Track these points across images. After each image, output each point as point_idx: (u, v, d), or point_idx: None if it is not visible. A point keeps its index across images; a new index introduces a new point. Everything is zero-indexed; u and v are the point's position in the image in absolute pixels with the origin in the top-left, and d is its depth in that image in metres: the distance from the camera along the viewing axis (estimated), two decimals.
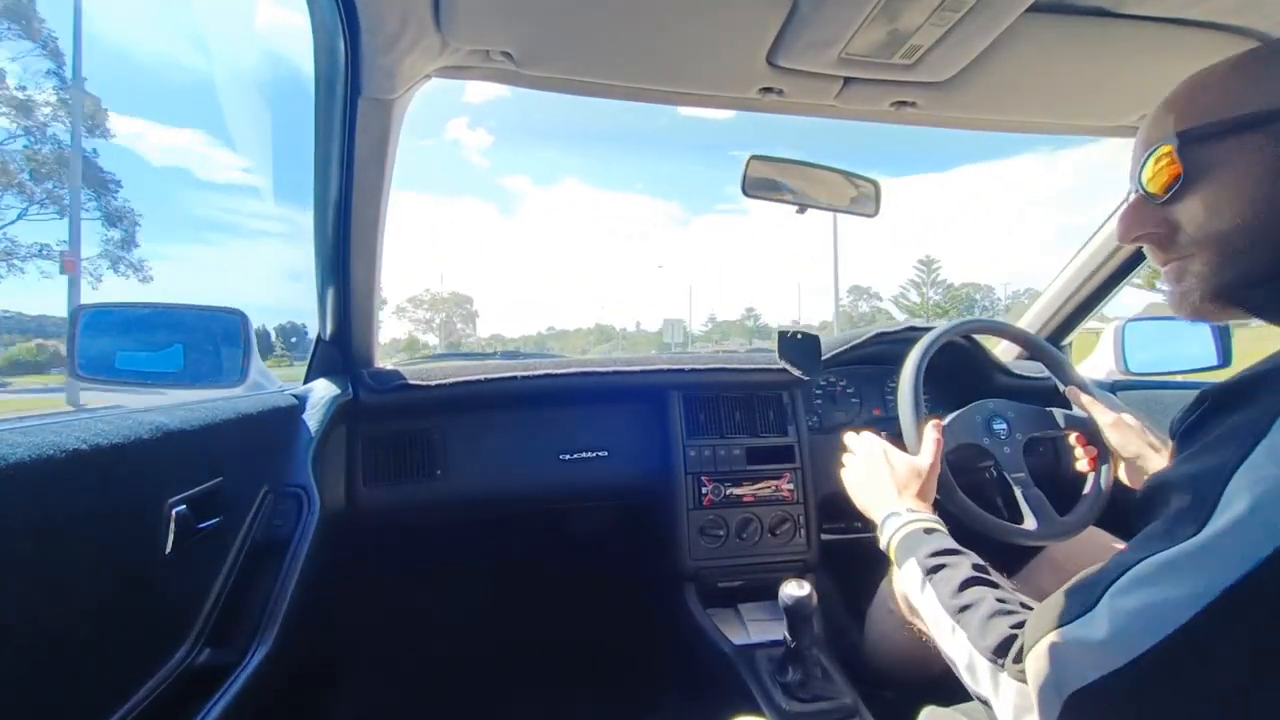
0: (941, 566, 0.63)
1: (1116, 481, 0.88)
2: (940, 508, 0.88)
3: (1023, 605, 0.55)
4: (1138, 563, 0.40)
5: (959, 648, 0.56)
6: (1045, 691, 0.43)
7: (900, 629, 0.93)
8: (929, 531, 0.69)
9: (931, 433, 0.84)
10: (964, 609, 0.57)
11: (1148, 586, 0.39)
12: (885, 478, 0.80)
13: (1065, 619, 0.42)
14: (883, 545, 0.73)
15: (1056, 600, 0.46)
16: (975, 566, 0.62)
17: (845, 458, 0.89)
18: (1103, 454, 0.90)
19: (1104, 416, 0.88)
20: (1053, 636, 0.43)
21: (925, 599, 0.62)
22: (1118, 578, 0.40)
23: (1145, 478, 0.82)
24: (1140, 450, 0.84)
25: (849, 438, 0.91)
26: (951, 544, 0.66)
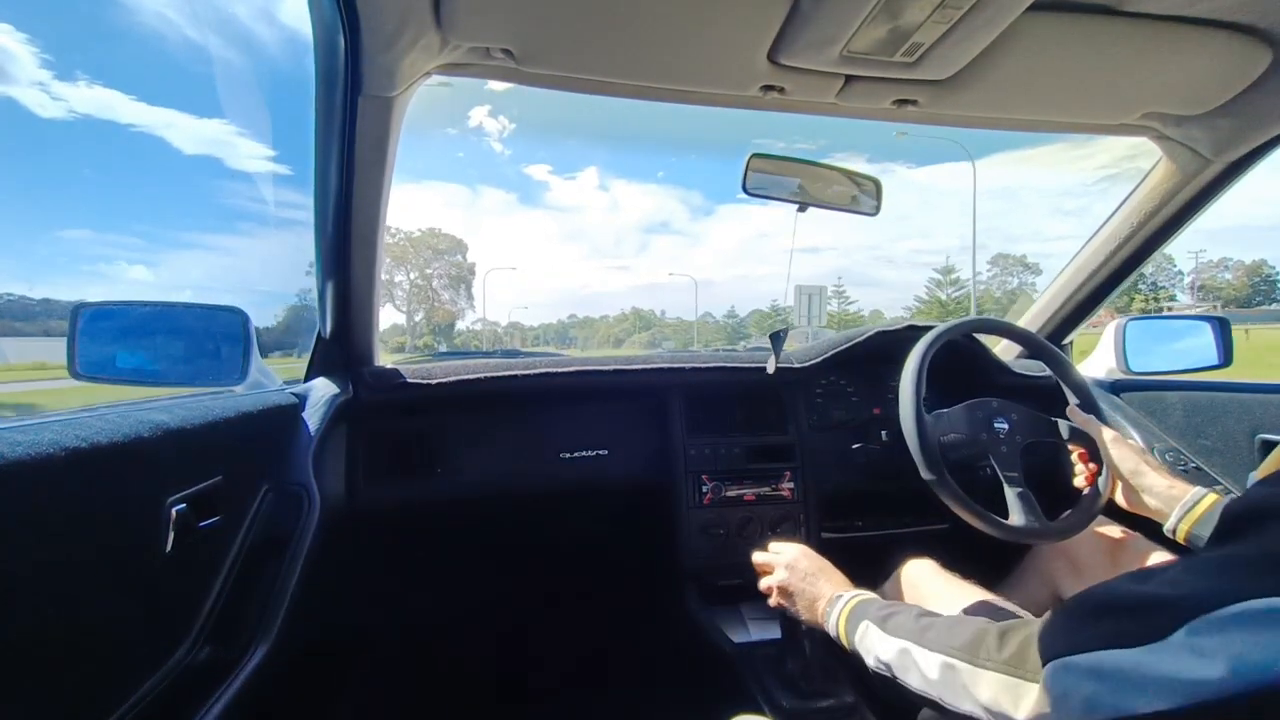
0: (893, 614, 0.66)
1: (1111, 501, 0.88)
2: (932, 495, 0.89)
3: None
4: (1233, 600, 0.35)
5: (929, 663, 0.56)
6: (1067, 709, 0.40)
7: None
8: (865, 602, 0.73)
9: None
10: (924, 630, 0.59)
11: (1255, 628, 0.34)
12: (815, 578, 0.83)
13: (1120, 642, 0.39)
14: (833, 633, 0.76)
15: (1095, 616, 0.42)
16: (920, 610, 0.65)
17: (769, 581, 0.89)
18: (1103, 469, 0.90)
19: (1106, 433, 0.88)
20: (1100, 657, 0.39)
21: (887, 642, 0.64)
22: (1203, 611, 0.36)
23: (1141, 495, 0.83)
24: (1138, 467, 0.83)
25: (761, 558, 0.92)
26: (889, 605, 0.70)
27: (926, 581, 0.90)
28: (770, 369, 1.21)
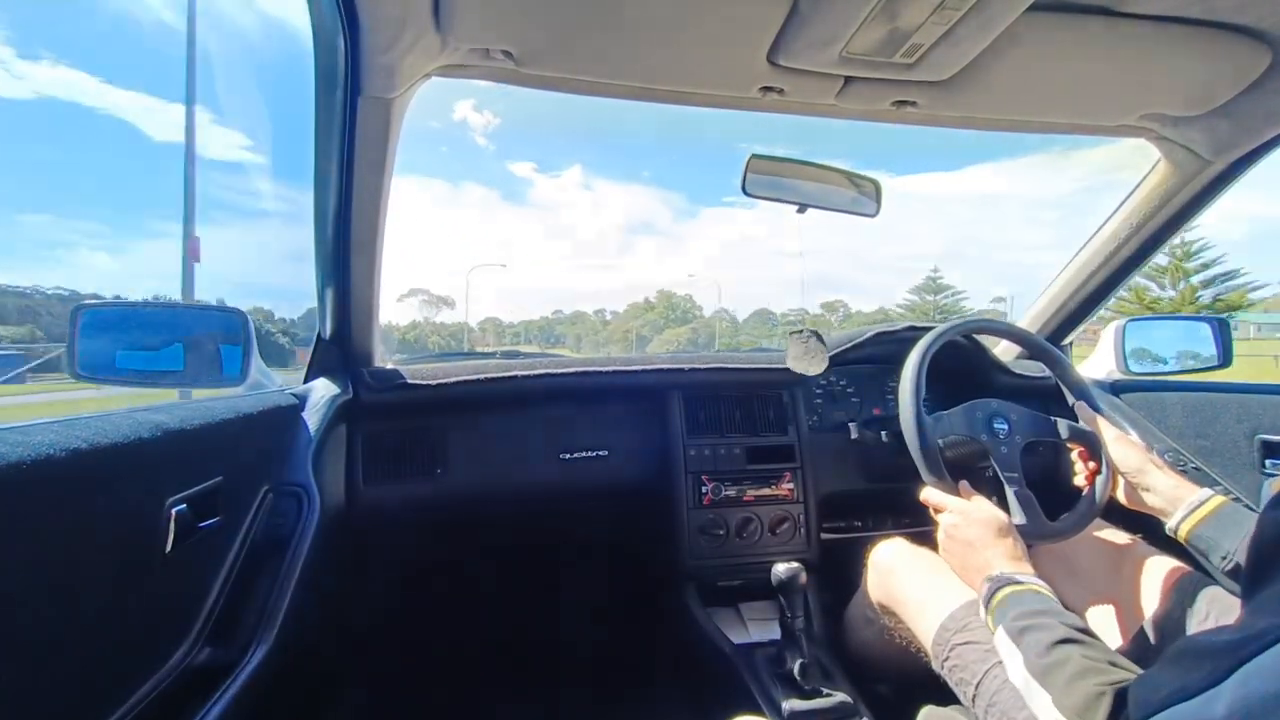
0: (1029, 628, 0.61)
1: (1112, 498, 0.88)
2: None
3: (1111, 664, 0.54)
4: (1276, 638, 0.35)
5: (1043, 710, 0.55)
6: None
7: (880, 637, 0.93)
8: (1019, 594, 0.67)
9: (963, 493, 0.84)
10: (1049, 669, 0.56)
11: None
12: (978, 545, 0.77)
13: (1185, 694, 0.38)
14: (982, 617, 0.71)
15: (1171, 669, 0.42)
16: (1067, 625, 0.60)
17: (944, 523, 0.83)
18: (1102, 468, 0.90)
19: (1109, 432, 0.88)
20: (1171, 714, 0.39)
21: (1014, 663, 0.61)
22: (1256, 652, 0.35)
23: (1144, 493, 0.82)
24: (1143, 466, 0.83)
25: (937, 498, 0.87)
26: (1042, 605, 0.65)
27: (903, 566, 0.90)
28: (821, 367, 1.17)
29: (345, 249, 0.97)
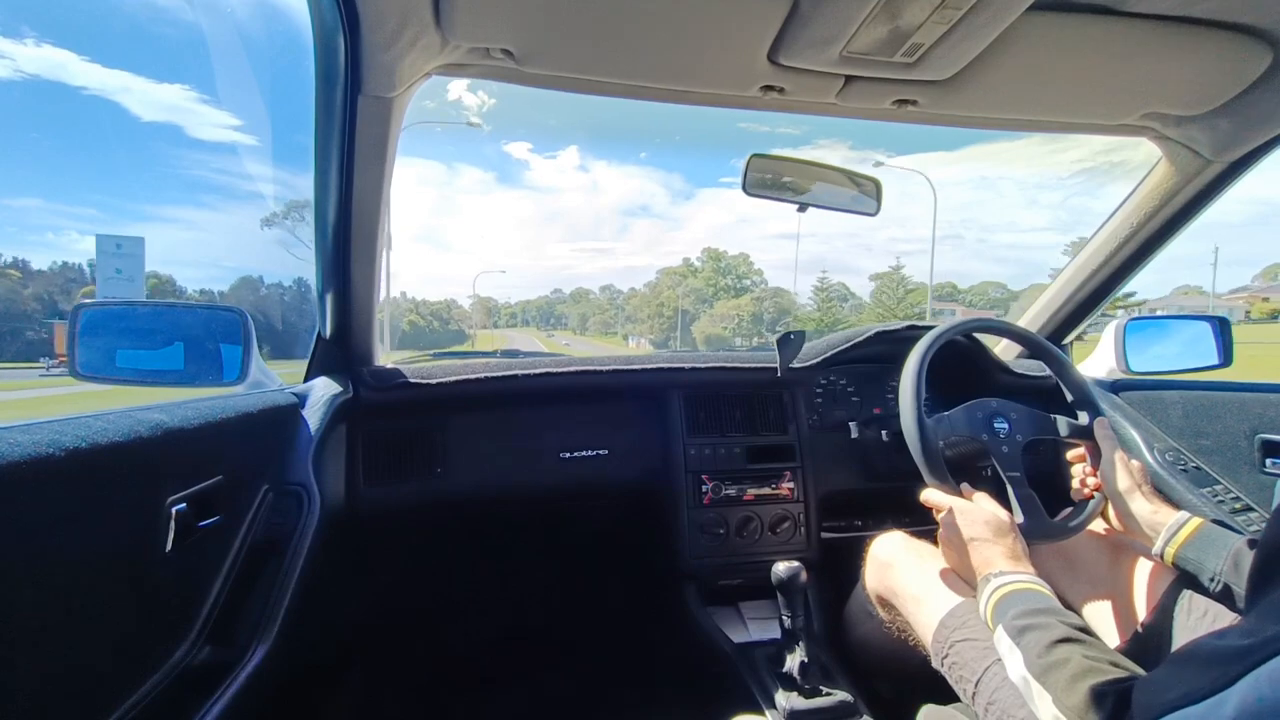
0: (1028, 628, 0.61)
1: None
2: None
3: (1112, 664, 0.54)
4: None
5: (1044, 709, 0.55)
6: None
7: (878, 631, 0.93)
8: (1019, 593, 0.67)
9: (965, 494, 0.84)
10: (1050, 669, 0.56)
11: None
12: (978, 544, 0.76)
13: (1192, 698, 0.39)
14: (982, 615, 0.71)
15: (1176, 672, 0.42)
16: (1066, 624, 0.60)
17: (945, 523, 0.83)
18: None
19: (1106, 448, 0.88)
20: (1179, 717, 0.39)
21: (1013, 662, 0.61)
22: (1266, 658, 0.36)
23: (1125, 519, 0.82)
24: (1130, 492, 0.83)
25: (935, 498, 0.86)
26: (1041, 603, 0.65)
27: (902, 560, 0.90)
28: (779, 372, 1.21)
29: (345, 248, 0.97)
